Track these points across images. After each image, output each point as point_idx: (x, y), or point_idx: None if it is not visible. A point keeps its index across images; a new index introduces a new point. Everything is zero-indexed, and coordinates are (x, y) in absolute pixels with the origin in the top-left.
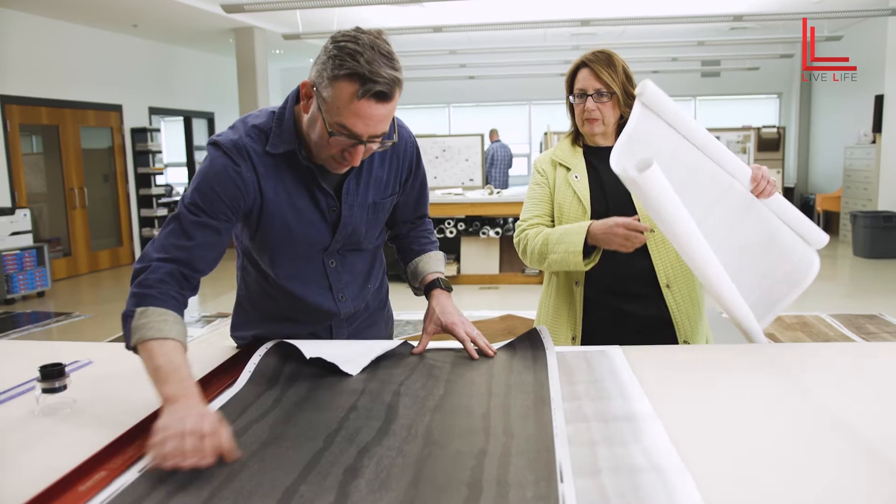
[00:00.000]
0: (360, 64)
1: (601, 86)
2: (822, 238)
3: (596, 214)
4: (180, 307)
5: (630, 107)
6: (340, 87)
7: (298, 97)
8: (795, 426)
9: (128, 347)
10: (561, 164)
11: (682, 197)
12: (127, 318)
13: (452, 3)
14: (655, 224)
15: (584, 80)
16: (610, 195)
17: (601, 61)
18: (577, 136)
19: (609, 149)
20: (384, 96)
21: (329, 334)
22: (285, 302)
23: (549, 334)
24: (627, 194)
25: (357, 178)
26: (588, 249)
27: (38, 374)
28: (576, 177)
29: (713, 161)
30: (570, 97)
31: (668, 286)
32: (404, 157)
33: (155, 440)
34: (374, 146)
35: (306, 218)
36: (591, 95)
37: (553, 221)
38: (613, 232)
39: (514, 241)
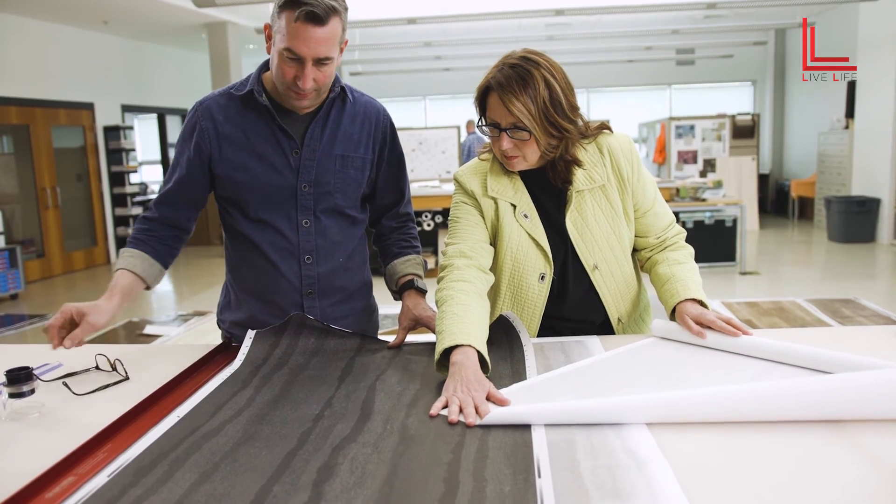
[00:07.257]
0: None
1: (514, 119)
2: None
3: (557, 259)
4: (154, 250)
5: (558, 138)
6: (283, 17)
7: (264, 68)
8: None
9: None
10: (501, 200)
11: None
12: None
13: None
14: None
15: (495, 109)
16: (565, 233)
17: (514, 85)
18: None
19: (540, 169)
20: (316, 17)
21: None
22: (253, 265)
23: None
24: (580, 231)
25: (322, 126)
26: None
27: (3, 379)
28: (525, 216)
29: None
30: (481, 124)
31: (595, 267)
32: (377, 123)
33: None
34: (321, 72)
35: (269, 161)
36: (506, 131)
37: (491, 245)
38: (465, 391)
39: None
